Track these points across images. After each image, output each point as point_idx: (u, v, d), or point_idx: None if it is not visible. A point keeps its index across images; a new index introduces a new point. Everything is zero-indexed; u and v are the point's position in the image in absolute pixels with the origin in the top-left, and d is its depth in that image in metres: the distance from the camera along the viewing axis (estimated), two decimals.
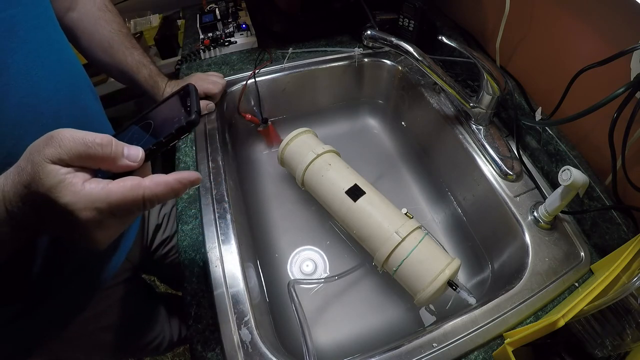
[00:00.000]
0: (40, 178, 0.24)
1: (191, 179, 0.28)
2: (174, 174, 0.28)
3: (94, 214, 0.25)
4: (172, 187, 0.27)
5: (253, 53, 0.77)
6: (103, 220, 0.26)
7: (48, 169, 0.24)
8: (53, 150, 0.24)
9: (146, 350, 0.72)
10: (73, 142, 0.25)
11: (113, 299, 0.60)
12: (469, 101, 0.59)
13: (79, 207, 0.24)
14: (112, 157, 0.26)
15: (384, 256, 0.49)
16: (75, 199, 0.24)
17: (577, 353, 0.40)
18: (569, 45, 0.53)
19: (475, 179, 0.59)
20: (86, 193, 0.25)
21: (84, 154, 0.25)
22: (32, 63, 0.37)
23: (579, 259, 0.48)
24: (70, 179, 0.24)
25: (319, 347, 0.52)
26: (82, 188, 0.25)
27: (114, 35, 0.56)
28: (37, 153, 0.25)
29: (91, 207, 0.25)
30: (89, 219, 0.25)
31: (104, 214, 0.25)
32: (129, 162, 0.27)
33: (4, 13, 0.35)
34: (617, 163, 0.45)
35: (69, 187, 0.24)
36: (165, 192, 0.27)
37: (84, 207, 0.24)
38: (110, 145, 0.26)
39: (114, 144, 0.26)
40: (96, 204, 0.25)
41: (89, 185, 0.25)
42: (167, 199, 0.28)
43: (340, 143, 0.68)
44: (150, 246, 0.68)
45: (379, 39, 0.55)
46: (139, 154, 0.28)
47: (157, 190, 0.27)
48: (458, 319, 0.43)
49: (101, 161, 0.26)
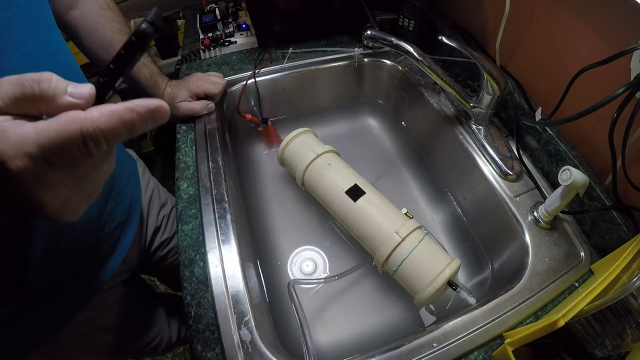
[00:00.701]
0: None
1: (150, 106, 0.22)
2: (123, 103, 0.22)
3: (26, 162, 0.20)
4: (121, 117, 0.21)
5: (253, 53, 0.77)
6: (39, 172, 0.21)
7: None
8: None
9: (145, 350, 0.72)
10: (9, 84, 0.21)
11: (112, 299, 0.60)
12: (469, 101, 0.59)
13: (8, 156, 0.20)
14: (51, 95, 0.21)
15: (384, 256, 0.49)
16: (5, 146, 0.20)
17: (577, 353, 0.40)
18: (569, 45, 0.53)
19: (475, 179, 0.59)
20: (16, 137, 0.20)
21: (20, 94, 0.21)
22: (28, 65, 0.37)
23: (579, 259, 0.48)
24: (4, 126, 0.20)
25: (319, 347, 0.52)
26: (13, 133, 0.20)
27: (115, 35, 0.56)
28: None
29: (21, 152, 0.20)
30: (20, 169, 0.20)
31: (38, 161, 0.21)
32: (73, 99, 0.22)
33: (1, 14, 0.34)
34: (617, 163, 0.45)
35: (1, 134, 0.20)
36: (113, 125, 0.21)
37: (14, 154, 0.20)
38: (49, 81, 0.21)
39: (54, 79, 0.22)
40: (26, 148, 0.20)
41: (20, 129, 0.20)
42: (117, 136, 0.22)
43: (340, 143, 0.68)
44: (149, 248, 0.68)
45: (379, 39, 0.55)
46: (86, 90, 0.22)
47: (100, 121, 0.21)
48: (458, 319, 0.43)
49: (39, 101, 0.21)
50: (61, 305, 0.50)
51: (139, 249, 0.64)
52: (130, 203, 0.58)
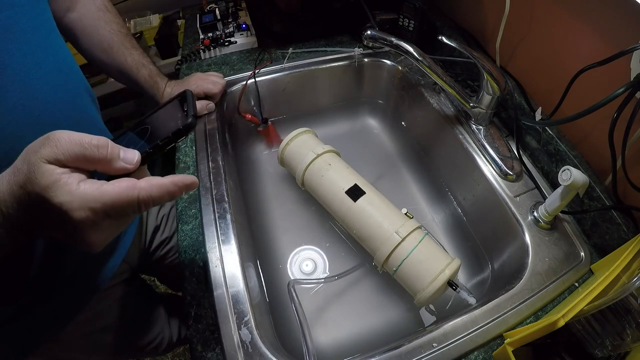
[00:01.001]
0: (36, 177, 0.24)
1: (187, 182, 0.28)
2: (170, 176, 0.28)
3: (88, 214, 0.25)
4: (168, 190, 0.27)
5: (253, 53, 0.77)
6: (97, 221, 0.26)
7: (44, 169, 0.24)
8: (49, 150, 0.24)
9: (145, 350, 0.72)
10: (70, 143, 0.25)
11: (112, 299, 0.60)
12: (469, 101, 0.59)
13: (73, 207, 0.24)
14: (108, 159, 0.26)
15: (384, 256, 0.49)
16: (69, 198, 0.24)
17: (577, 353, 0.40)
18: (569, 45, 0.53)
19: (475, 179, 0.59)
20: (81, 193, 0.25)
21: (80, 155, 0.25)
22: (29, 65, 0.37)
23: (579, 259, 0.48)
24: (65, 179, 0.24)
25: (319, 347, 0.52)
26: (77, 188, 0.25)
27: (113, 36, 0.56)
28: (33, 153, 0.25)
29: (85, 206, 0.25)
30: (82, 219, 0.25)
31: (98, 214, 0.25)
32: (125, 165, 0.27)
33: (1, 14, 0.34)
34: (617, 163, 0.45)
35: (64, 186, 0.24)
36: (161, 194, 0.27)
37: (79, 206, 0.24)
38: (107, 147, 0.26)
39: (110, 146, 0.26)
40: (90, 204, 0.25)
41: (83, 186, 0.25)
42: (162, 202, 0.28)
43: (340, 143, 0.68)
44: (149, 247, 0.68)
45: (379, 39, 0.55)
46: (135, 157, 0.28)
47: (152, 191, 0.27)
48: (458, 319, 0.43)
49: (97, 163, 0.26)
50: (61, 304, 0.50)
51: (139, 248, 0.64)
52: None
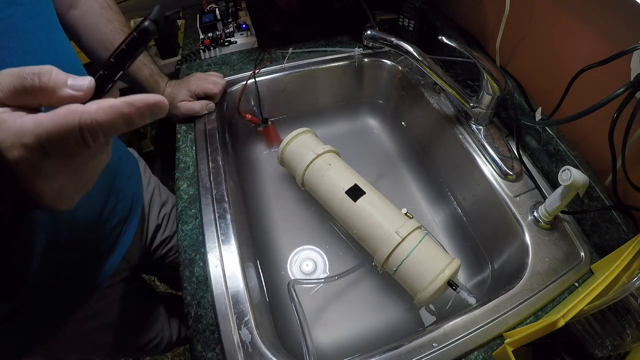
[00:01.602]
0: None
1: (149, 101, 0.22)
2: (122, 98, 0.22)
3: (22, 152, 0.21)
4: (120, 111, 0.22)
5: (253, 53, 0.77)
6: (34, 161, 0.21)
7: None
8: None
9: (145, 349, 0.72)
10: (9, 77, 0.22)
11: (112, 298, 0.60)
12: (469, 101, 0.59)
13: (6, 145, 0.21)
14: (51, 87, 0.22)
15: (384, 256, 0.49)
16: (3, 136, 0.21)
17: (577, 353, 0.40)
18: (569, 45, 0.53)
19: (475, 179, 0.59)
20: (15, 128, 0.21)
21: (20, 86, 0.21)
22: (31, 63, 0.36)
23: (579, 259, 0.48)
24: (3, 117, 0.21)
25: (319, 347, 0.52)
26: (12, 124, 0.21)
27: (115, 34, 0.56)
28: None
29: (18, 143, 0.21)
30: (17, 158, 0.21)
31: (35, 152, 0.21)
32: (73, 92, 0.22)
33: (3, 12, 0.34)
34: (617, 163, 0.45)
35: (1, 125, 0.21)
36: (109, 118, 0.21)
37: (11, 144, 0.21)
38: (50, 74, 0.22)
39: (54, 72, 0.22)
40: (24, 139, 0.21)
41: (19, 120, 0.21)
42: (115, 129, 0.22)
43: (340, 143, 0.68)
44: (150, 246, 0.68)
45: (379, 39, 0.55)
46: (85, 83, 0.22)
47: (99, 114, 0.21)
48: (458, 319, 0.43)
49: (39, 93, 0.22)
50: (61, 302, 0.50)
51: (140, 247, 0.64)
52: (132, 200, 0.58)
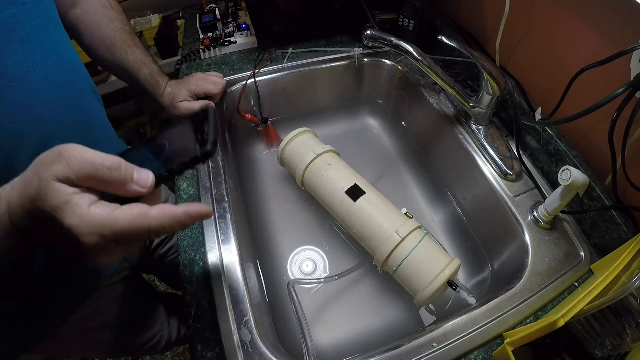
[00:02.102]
0: (46, 195, 0.23)
1: (201, 212, 0.27)
2: (183, 206, 0.27)
3: (98, 240, 0.24)
4: (180, 221, 0.26)
5: (253, 53, 0.77)
6: (106, 247, 0.25)
7: (54, 187, 0.23)
8: (61, 168, 0.23)
9: (144, 349, 0.72)
10: (82, 163, 0.24)
11: (111, 297, 0.60)
12: (469, 101, 0.59)
13: (83, 232, 0.24)
14: (121, 181, 0.25)
15: (384, 256, 0.49)
16: (80, 222, 0.24)
17: (577, 353, 0.40)
18: (569, 45, 0.53)
19: (475, 179, 0.59)
20: (91, 218, 0.24)
21: (92, 175, 0.24)
22: (32, 64, 0.37)
23: (579, 259, 0.48)
24: (76, 200, 0.24)
25: (319, 347, 0.52)
26: (87, 212, 0.24)
27: (116, 33, 0.56)
28: (44, 168, 0.24)
29: (96, 232, 0.24)
30: (92, 244, 0.24)
31: (108, 241, 0.25)
32: (138, 188, 0.26)
33: (4, 13, 0.34)
34: (617, 163, 0.45)
35: (74, 209, 0.24)
36: (172, 225, 0.26)
37: (89, 232, 0.24)
38: (120, 170, 0.25)
39: (123, 167, 0.25)
40: (101, 230, 0.24)
41: (94, 210, 0.24)
42: (173, 231, 0.27)
43: (340, 143, 0.68)
44: (150, 245, 0.68)
45: (379, 39, 0.55)
46: (149, 180, 0.26)
47: (164, 221, 0.26)
48: (458, 319, 0.43)
49: (109, 184, 0.25)
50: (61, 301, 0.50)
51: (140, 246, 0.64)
52: None
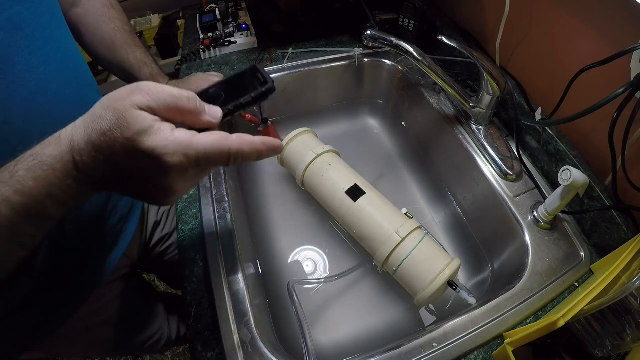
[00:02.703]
0: (127, 123, 0.24)
1: (275, 144, 0.29)
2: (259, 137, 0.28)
3: (182, 159, 0.25)
4: (257, 148, 0.28)
5: (253, 53, 0.77)
6: (187, 168, 0.26)
7: (136, 114, 0.24)
8: (142, 97, 0.24)
9: (144, 347, 0.72)
10: (162, 93, 0.25)
11: (112, 295, 0.60)
12: (469, 101, 0.59)
13: (168, 151, 0.24)
14: (197, 112, 0.27)
15: (384, 256, 0.49)
16: (165, 143, 0.24)
17: (577, 353, 0.40)
18: (569, 45, 0.53)
19: (475, 179, 0.59)
20: (176, 139, 0.25)
21: (172, 104, 0.25)
22: (38, 60, 0.37)
23: (579, 259, 0.48)
24: (159, 125, 0.25)
25: (319, 347, 0.52)
26: (171, 134, 0.25)
27: (117, 33, 0.56)
28: (121, 101, 0.24)
29: (180, 152, 0.25)
30: (176, 164, 0.25)
31: (191, 161, 0.25)
32: (210, 119, 0.28)
33: (10, 10, 0.35)
34: (617, 163, 0.45)
35: (158, 132, 0.24)
36: (250, 151, 0.28)
37: (174, 151, 0.25)
38: (196, 100, 0.27)
39: (198, 99, 0.27)
40: (186, 150, 0.25)
41: (177, 133, 0.25)
42: (250, 159, 0.28)
43: (340, 143, 0.68)
44: (149, 242, 0.68)
45: (379, 39, 0.55)
46: (218, 112, 0.28)
47: (244, 146, 0.27)
48: (458, 319, 0.43)
49: (187, 114, 0.26)
50: (62, 299, 0.50)
51: (140, 243, 0.65)
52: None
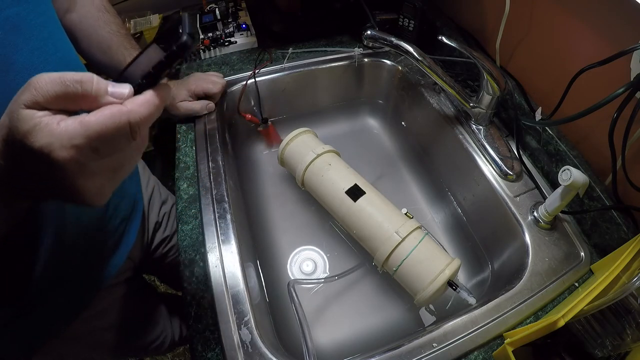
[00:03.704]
0: (15, 126, 0.22)
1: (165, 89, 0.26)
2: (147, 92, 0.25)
3: (72, 153, 0.22)
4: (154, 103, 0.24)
5: (253, 53, 0.77)
6: (84, 161, 0.23)
7: (22, 115, 0.22)
8: (28, 94, 0.22)
9: (148, 349, 0.72)
10: (50, 84, 0.22)
11: (115, 297, 0.60)
12: (469, 101, 0.59)
13: (54, 148, 0.22)
14: (93, 96, 0.23)
15: (384, 256, 0.49)
16: (50, 139, 0.22)
17: (577, 353, 0.40)
18: (569, 45, 0.53)
19: (475, 179, 0.59)
20: (61, 131, 0.22)
21: (61, 93, 0.22)
22: (37, 60, 0.37)
23: (579, 259, 0.48)
24: (45, 121, 0.22)
25: (319, 347, 0.52)
26: (57, 127, 0.22)
27: (112, 37, 0.56)
28: (13, 102, 0.22)
29: (68, 144, 0.22)
30: (66, 159, 0.22)
31: (85, 151, 0.22)
32: (114, 100, 0.24)
33: (9, 10, 0.35)
34: (617, 163, 0.45)
35: (44, 129, 0.22)
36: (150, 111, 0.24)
37: (60, 145, 0.22)
38: (92, 82, 0.23)
39: (95, 80, 0.23)
40: (73, 141, 0.22)
41: (64, 123, 0.22)
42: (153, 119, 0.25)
43: (340, 143, 0.68)
44: (151, 244, 0.68)
45: (379, 39, 0.55)
46: (125, 91, 0.24)
47: (142, 111, 0.23)
48: (458, 319, 0.43)
49: (81, 100, 0.23)
50: (66, 302, 0.50)
51: (142, 245, 0.65)
52: (133, 199, 0.58)
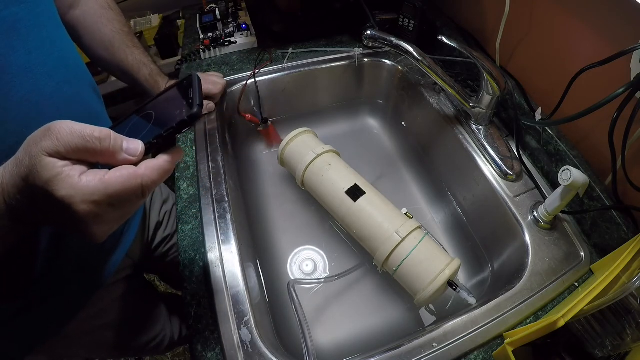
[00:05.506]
0: (37, 171, 0.24)
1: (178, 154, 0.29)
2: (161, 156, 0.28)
3: (92, 207, 0.25)
4: (165, 169, 0.28)
5: (253, 53, 0.77)
6: (100, 214, 0.25)
7: (45, 162, 0.24)
8: (50, 143, 0.24)
9: (147, 348, 0.72)
10: (71, 136, 0.24)
11: (114, 296, 0.60)
12: (469, 101, 0.59)
13: (76, 201, 0.24)
14: (111, 152, 0.26)
15: (384, 256, 0.49)
16: (71, 192, 0.24)
17: (577, 353, 0.40)
18: (569, 45, 0.53)
19: (475, 179, 0.59)
20: (83, 186, 0.24)
21: (82, 147, 0.25)
22: (34, 61, 0.37)
23: (579, 259, 0.48)
24: (67, 172, 0.24)
25: (319, 347, 0.52)
26: (79, 181, 0.24)
27: (115, 34, 0.56)
28: (34, 145, 0.24)
29: (89, 200, 0.24)
30: (86, 212, 0.25)
31: (102, 206, 0.25)
32: (128, 157, 0.27)
33: (7, 11, 0.35)
34: (617, 163, 0.45)
35: (66, 180, 0.24)
36: (161, 176, 0.27)
37: (81, 200, 0.24)
38: (109, 139, 0.26)
39: (112, 137, 0.26)
40: (94, 197, 0.25)
41: (85, 178, 0.25)
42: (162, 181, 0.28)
43: (340, 143, 0.68)
44: (151, 243, 0.68)
45: (379, 39, 0.55)
46: (138, 148, 0.27)
47: (153, 175, 0.27)
48: (458, 319, 0.43)
49: (99, 155, 0.26)
50: (65, 301, 0.50)
51: (142, 244, 0.64)
52: None
